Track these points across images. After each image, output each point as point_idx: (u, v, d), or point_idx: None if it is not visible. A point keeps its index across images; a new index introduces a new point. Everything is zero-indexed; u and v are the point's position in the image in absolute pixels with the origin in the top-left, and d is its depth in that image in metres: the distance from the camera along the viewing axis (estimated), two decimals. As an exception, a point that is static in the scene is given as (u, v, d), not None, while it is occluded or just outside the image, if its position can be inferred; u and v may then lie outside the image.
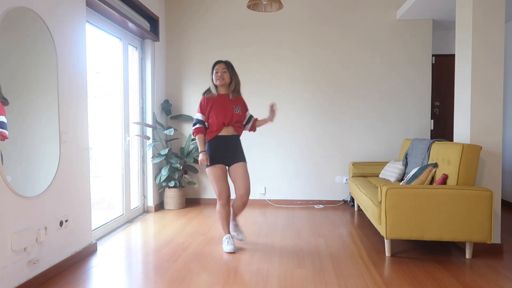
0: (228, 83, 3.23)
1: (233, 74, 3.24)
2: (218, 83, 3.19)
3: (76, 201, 2.96)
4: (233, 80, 3.23)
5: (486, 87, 3.07)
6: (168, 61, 5.10)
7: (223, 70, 3.19)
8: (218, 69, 3.19)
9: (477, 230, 2.83)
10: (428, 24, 4.81)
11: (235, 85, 3.25)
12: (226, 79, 3.20)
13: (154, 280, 2.55)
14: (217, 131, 3.17)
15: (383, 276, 2.61)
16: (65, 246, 2.82)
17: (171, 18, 5.06)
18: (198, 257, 3.01)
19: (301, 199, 5.01)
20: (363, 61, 4.90)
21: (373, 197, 3.32)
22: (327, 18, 4.91)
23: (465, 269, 2.75)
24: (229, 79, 3.21)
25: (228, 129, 3.20)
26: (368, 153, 4.95)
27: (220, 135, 3.18)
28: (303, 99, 4.96)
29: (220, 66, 3.20)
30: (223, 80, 3.18)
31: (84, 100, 3.08)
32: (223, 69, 3.19)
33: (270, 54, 4.97)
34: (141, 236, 3.61)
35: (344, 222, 4.09)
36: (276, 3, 3.33)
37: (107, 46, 3.97)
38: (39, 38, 2.52)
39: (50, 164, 2.63)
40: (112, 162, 4.12)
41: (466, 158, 2.92)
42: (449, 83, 5.13)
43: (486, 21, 3.04)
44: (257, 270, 2.74)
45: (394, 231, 2.91)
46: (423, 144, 3.69)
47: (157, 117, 4.79)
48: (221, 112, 3.16)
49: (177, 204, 4.74)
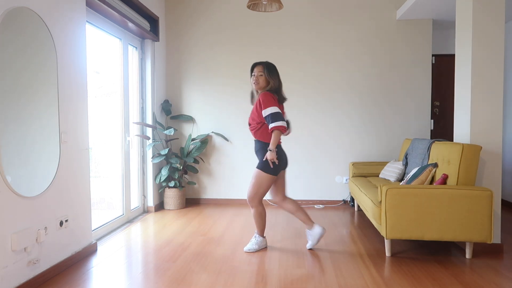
0: (264, 86, 3.04)
1: (271, 77, 3.01)
2: (255, 88, 3.06)
3: (76, 201, 2.96)
4: (270, 83, 3.02)
5: (486, 87, 3.07)
6: (168, 61, 5.10)
7: (259, 73, 3.03)
8: (255, 72, 3.05)
9: (477, 230, 2.83)
10: (428, 24, 4.81)
11: (270, 88, 3.03)
12: (261, 83, 3.02)
13: (154, 280, 2.55)
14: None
15: (383, 276, 2.61)
16: (65, 246, 2.82)
17: (171, 18, 5.06)
18: (198, 257, 3.01)
19: (301, 199, 5.01)
20: (363, 61, 4.90)
21: (373, 197, 3.32)
22: (328, 18, 4.91)
23: (465, 269, 2.75)
24: (264, 82, 3.02)
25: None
26: (368, 153, 4.95)
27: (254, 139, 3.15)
28: (303, 98, 4.96)
29: (257, 68, 3.04)
30: (258, 85, 3.03)
31: (84, 100, 3.08)
32: (260, 72, 3.02)
33: (270, 53, 4.97)
34: (141, 236, 3.61)
35: (344, 222, 4.09)
36: (276, 3, 3.33)
37: (107, 46, 3.97)
38: (39, 38, 2.52)
39: (50, 164, 2.63)
40: (112, 162, 4.12)
41: (466, 158, 2.92)
42: (449, 83, 5.13)
43: (486, 21, 3.04)
44: (257, 270, 2.74)
45: (394, 231, 2.91)
46: (423, 144, 3.69)
47: (157, 117, 4.79)
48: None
49: (177, 204, 4.74)
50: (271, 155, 2.93)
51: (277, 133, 2.93)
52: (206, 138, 5.01)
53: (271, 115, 2.92)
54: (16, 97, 2.30)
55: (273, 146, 2.93)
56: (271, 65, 3.05)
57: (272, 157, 2.93)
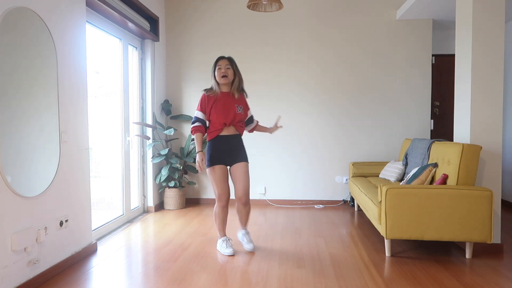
0: (231, 80, 3.08)
1: (237, 71, 3.09)
2: (222, 81, 3.04)
3: (76, 201, 2.96)
4: (237, 76, 3.09)
5: (486, 87, 3.07)
6: (168, 61, 5.10)
7: (226, 66, 3.04)
8: (221, 65, 3.03)
9: (477, 230, 2.83)
10: (428, 24, 4.81)
11: (239, 82, 3.10)
12: (230, 76, 3.04)
13: (154, 280, 2.55)
14: (218, 130, 3.05)
15: (383, 276, 2.61)
16: (65, 246, 2.82)
17: (171, 18, 5.06)
18: (198, 257, 3.01)
19: (301, 199, 5.01)
20: (363, 61, 4.90)
21: (373, 197, 3.32)
22: (327, 18, 4.91)
23: (465, 269, 2.75)
24: (232, 76, 3.07)
25: (229, 128, 3.08)
26: (368, 153, 4.95)
27: (221, 135, 3.06)
28: (303, 98, 4.96)
29: (223, 62, 3.04)
30: (226, 78, 3.02)
31: (84, 100, 3.08)
32: (227, 65, 3.04)
33: (270, 54, 4.97)
34: (141, 236, 3.61)
35: (344, 222, 4.09)
36: (276, 3, 3.33)
37: (107, 46, 3.97)
38: (39, 38, 2.52)
39: (50, 164, 2.63)
40: (112, 162, 4.12)
41: (466, 158, 2.92)
42: (449, 83, 5.13)
43: (486, 21, 3.04)
44: (257, 270, 2.74)
45: (394, 231, 2.91)
46: (423, 144, 3.69)
47: (157, 117, 4.79)
48: (223, 112, 3.02)
49: (177, 204, 4.74)
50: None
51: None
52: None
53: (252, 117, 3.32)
54: (16, 97, 2.30)
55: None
56: (233, 59, 3.12)
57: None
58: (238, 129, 3.12)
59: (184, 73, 5.08)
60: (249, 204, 3.16)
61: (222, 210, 3.11)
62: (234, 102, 3.09)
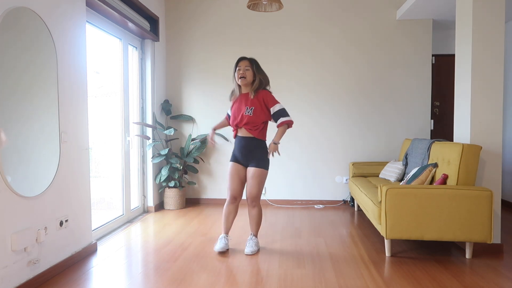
0: (251, 81, 3.02)
1: (258, 72, 3.02)
2: (240, 82, 3.00)
3: (76, 201, 2.96)
4: (257, 78, 3.01)
5: (486, 87, 3.07)
6: (168, 61, 5.10)
7: (246, 67, 2.99)
8: (241, 66, 2.99)
9: (477, 230, 2.83)
10: (428, 24, 4.81)
11: (259, 84, 3.02)
12: (249, 77, 2.99)
13: (154, 280, 2.55)
14: (235, 131, 3.13)
15: (383, 276, 2.61)
16: (65, 246, 2.82)
17: (171, 18, 5.06)
18: (198, 257, 3.01)
19: (301, 199, 5.01)
20: (363, 61, 4.90)
21: (373, 197, 3.32)
22: (328, 18, 4.91)
23: (465, 269, 2.75)
24: (252, 77, 3.00)
25: (242, 130, 3.07)
26: (368, 153, 4.95)
27: (238, 135, 3.11)
28: (303, 98, 4.96)
29: (243, 63, 2.99)
30: (244, 79, 2.98)
31: (84, 100, 3.08)
32: (246, 66, 2.99)
33: (270, 54, 4.97)
34: (141, 236, 3.61)
35: (344, 222, 4.09)
36: (276, 3, 3.33)
37: (107, 46, 3.97)
38: (39, 38, 2.52)
39: (50, 164, 2.63)
40: (112, 162, 4.12)
41: (466, 158, 2.92)
42: (449, 83, 5.13)
43: (486, 20, 3.04)
44: (257, 270, 2.74)
45: (394, 231, 2.91)
46: (423, 144, 3.69)
47: (157, 117, 4.79)
48: (233, 114, 3.09)
49: (177, 204, 4.74)
50: (276, 148, 3.06)
51: (285, 127, 3.09)
52: (206, 138, 5.01)
53: (283, 110, 3.07)
54: (16, 97, 2.30)
55: (280, 139, 3.08)
56: (256, 60, 3.07)
57: (276, 149, 3.07)
58: (249, 131, 3.05)
59: (184, 73, 5.08)
60: (256, 208, 3.11)
61: (228, 206, 3.15)
62: (246, 104, 3.03)
